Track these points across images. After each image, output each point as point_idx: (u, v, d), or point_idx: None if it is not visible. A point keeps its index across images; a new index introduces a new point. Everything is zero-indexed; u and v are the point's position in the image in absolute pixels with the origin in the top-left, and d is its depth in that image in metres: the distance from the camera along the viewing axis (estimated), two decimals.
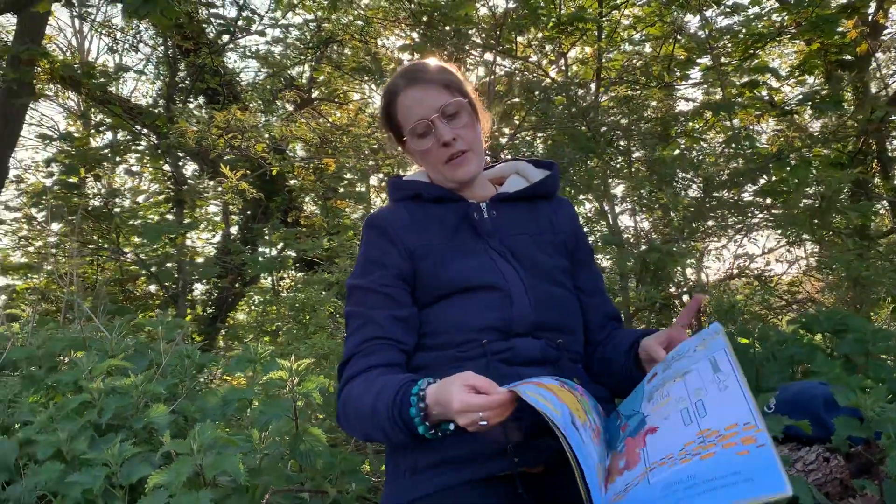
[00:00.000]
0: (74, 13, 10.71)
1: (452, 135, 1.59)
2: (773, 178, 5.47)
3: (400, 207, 1.69)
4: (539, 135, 5.51)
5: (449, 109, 1.59)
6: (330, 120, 8.32)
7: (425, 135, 1.61)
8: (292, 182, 8.66)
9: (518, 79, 5.84)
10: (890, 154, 7.37)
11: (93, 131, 9.55)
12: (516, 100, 5.92)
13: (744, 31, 6.20)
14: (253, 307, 9.36)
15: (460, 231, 1.64)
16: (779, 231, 5.82)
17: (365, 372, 1.46)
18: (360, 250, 1.67)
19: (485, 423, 1.18)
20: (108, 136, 9.88)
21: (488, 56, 5.89)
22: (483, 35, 5.60)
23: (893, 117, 6.56)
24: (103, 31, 9.70)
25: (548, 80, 5.83)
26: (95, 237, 8.41)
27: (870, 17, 6.48)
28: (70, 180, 7.92)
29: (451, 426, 1.29)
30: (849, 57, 6.90)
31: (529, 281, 1.56)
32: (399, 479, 1.46)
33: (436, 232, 1.63)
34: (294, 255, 8.02)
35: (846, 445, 1.83)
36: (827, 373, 2.47)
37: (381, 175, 7.37)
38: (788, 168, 5.71)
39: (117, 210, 8.44)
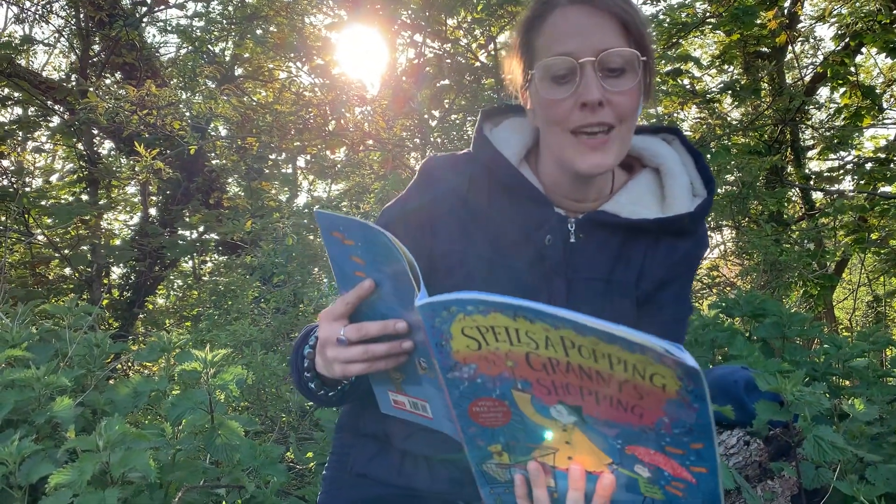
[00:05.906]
0: None
1: (602, 96, 1.05)
2: None
3: (465, 174, 1.21)
4: (469, 118, 5.47)
5: (613, 59, 1.05)
6: (254, 98, 8.07)
7: (564, 80, 1.07)
8: (214, 162, 8.39)
9: (448, 61, 5.78)
10: (802, 143, 7.71)
11: None
12: (446, 82, 5.87)
13: (668, 19, 6.32)
14: (172, 291, 9.09)
15: (520, 249, 1.17)
16: None
17: None
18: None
19: (343, 339, 0.99)
20: (17, 111, 9.36)
21: (417, 37, 5.81)
22: (412, 15, 5.52)
23: (808, 107, 6.84)
24: (10, 0, 9.15)
25: (477, 64, 5.79)
26: (2, 218, 7.96)
27: (786, 10, 6.73)
28: None
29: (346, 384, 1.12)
30: (765, 49, 7.17)
31: None
32: (342, 478, 1.33)
33: (483, 237, 1.18)
34: (216, 237, 7.79)
35: (766, 429, 1.86)
36: (746, 356, 2.53)
37: (307, 156, 7.20)
38: (709, 155, 5.87)
39: (27, 189, 8.02)
